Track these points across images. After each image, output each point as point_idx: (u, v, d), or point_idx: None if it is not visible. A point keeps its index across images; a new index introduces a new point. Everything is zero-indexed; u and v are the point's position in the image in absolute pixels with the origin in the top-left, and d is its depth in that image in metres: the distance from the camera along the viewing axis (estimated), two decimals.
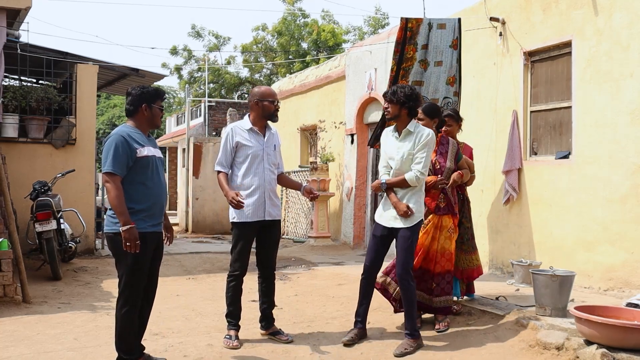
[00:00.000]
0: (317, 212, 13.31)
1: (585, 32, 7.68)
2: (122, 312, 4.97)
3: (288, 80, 17.42)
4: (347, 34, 29.03)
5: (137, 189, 4.94)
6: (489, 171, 8.98)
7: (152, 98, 5.10)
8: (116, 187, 4.82)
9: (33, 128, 11.32)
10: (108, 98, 35.97)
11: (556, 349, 5.32)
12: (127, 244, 4.77)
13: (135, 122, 5.10)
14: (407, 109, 5.81)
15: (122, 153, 4.87)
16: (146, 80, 14.07)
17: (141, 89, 5.10)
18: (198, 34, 29.64)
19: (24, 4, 10.46)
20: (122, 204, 4.81)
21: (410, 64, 7.85)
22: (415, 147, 5.74)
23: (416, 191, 5.78)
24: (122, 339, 5.02)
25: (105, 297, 8.12)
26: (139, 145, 4.96)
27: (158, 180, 5.10)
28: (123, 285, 4.97)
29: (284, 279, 9.42)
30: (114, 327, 5.06)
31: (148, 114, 5.09)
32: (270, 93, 6.18)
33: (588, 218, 7.53)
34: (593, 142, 7.53)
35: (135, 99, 5.06)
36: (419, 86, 7.82)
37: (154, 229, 5.05)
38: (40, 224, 9.15)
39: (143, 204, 4.95)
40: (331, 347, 5.86)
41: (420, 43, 7.84)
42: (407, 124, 5.85)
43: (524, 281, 7.63)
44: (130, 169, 4.93)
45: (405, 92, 5.80)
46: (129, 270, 4.93)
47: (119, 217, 4.80)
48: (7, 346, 5.85)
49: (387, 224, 5.87)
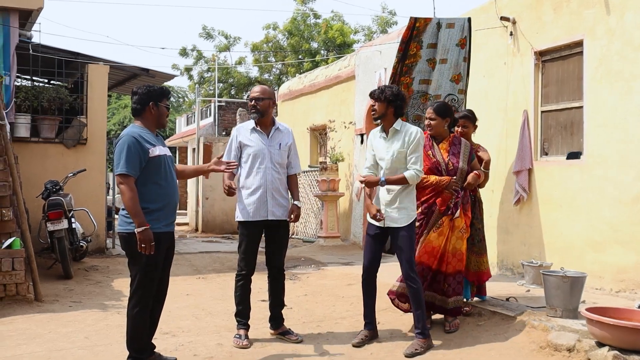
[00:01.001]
0: (327, 212, 13.31)
1: (597, 31, 7.65)
2: (134, 312, 4.99)
3: (298, 80, 17.42)
4: (356, 33, 28.98)
5: (150, 188, 4.96)
6: (499, 172, 8.95)
7: (159, 97, 5.13)
8: (130, 188, 4.83)
9: (45, 128, 11.39)
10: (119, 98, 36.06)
11: (567, 350, 5.30)
12: (142, 245, 4.79)
13: (143, 122, 5.12)
14: (393, 108, 5.86)
15: (135, 154, 4.88)
16: (156, 80, 14.12)
17: (147, 88, 5.13)
18: (209, 34, 29.68)
19: (35, 5, 10.52)
20: (137, 205, 4.82)
21: (413, 60, 7.82)
22: (406, 146, 5.77)
23: (409, 191, 5.84)
24: (134, 339, 5.04)
25: (116, 296, 8.15)
26: (151, 145, 4.98)
27: (171, 180, 5.13)
28: (136, 285, 4.99)
29: (294, 279, 9.43)
30: (126, 326, 5.09)
31: (155, 112, 5.12)
32: (251, 91, 6.25)
33: (598, 219, 7.50)
34: (604, 142, 7.50)
35: (143, 98, 5.09)
36: (427, 85, 7.81)
37: (167, 229, 5.08)
38: (52, 223, 9.19)
39: (157, 203, 4.97)
40: (341, 347, 5.87)
41: (426, 41, 7.81)
42: (393, 123, 5.89)
43: (534, 282, 7.61)
44: (143, 169, 4.93)
45: (393, 91, 5.87)
46: (143, 270, 4.95)
47: (133, 218, 4.82)
48: (19, 344, 5.89)
49: (382, 224, 5.88)
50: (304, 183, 15.36)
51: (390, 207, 5.84)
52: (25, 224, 7.90)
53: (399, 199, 5.80)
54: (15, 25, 10.49)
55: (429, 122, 6.23)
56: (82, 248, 10.08)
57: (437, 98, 7.68)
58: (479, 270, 6.74)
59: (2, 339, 6.08)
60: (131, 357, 5.07)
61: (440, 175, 6.14)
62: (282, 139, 6.15)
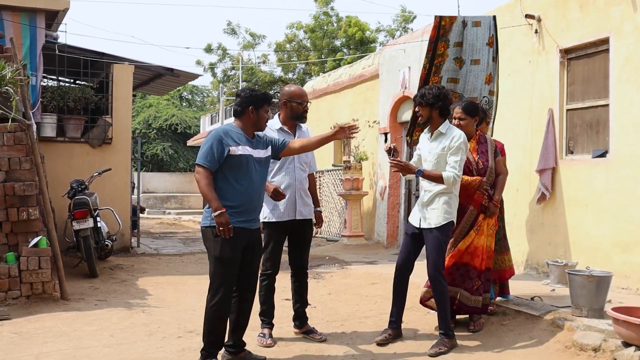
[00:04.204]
0: (351, 211, 13.29)
1: (624, 29, 7.56)
2: (210, 308, 5.10)
3: (322, 79, 17.42)
4: (379, 32, 28.90)
5: (226, 186, 5.08)
6: (524, 170, 8.89)
7: (260, 102, 5.24)
8: (205, 176, 4.99)
9: (70, 127, 11.51)
10: (143, 98, 36.24)
11: (593, 350, 5.26)
12: (220, 228, 4.88)
13: (240, 123, 5.26)
14: (437, 110, 5.79)
15: (214, 148, 5.02)
16: (181, 80, 14.20)
17: (250, 92, 5.26)
18: (233, 30, 29.69)
19: (62, 6, 10.64)
20: (212, 190, 4.97)
21: (441, 60, 7.77)
22: (448, 149, 5.71)
23: (448, 193, 5.75)
24: (209, 333, 5.15)
25: (141, 295, 8.21)
26: (235, 143, 5.09)
27: (251, 180, 5.16)
28: (211, 279, 5.12)
29: (318, 278, 9.44)
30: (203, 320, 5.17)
31: (254, 116, 5.22)
32: (299, 94, 6.09)
33: (625, 219, 7.42)
34: (631, 141, 7.41)
35: (244, 102, 5.22)
36: (454, 83, 7.76)
37: (244, 225, 5.11)
38: (78, 222, 9.28)
39: (232, 201, 5.05)
40: (365, 346, 5.86)
41: (452, 40, 7.76)
42: (440, 124, 5.82)
43: (559, 281, 7.55)
44: (222, 165, 5.06)
45: (434, 93, 5.78)
46: (217, 263, 5.06)
47: (210, 203, 4.96)
48: (45, 342, 5.95)
49: (416, 224, 5.89)
50: (328, 182, 15.36)
51: (426, 207, 5.83)
52: (51, 223, 7.98)
53: (434, 201, 5.77)
54: (42, 26, 10.60)
55: (459, 122, 6.18)
56: (107, 247, 10.15)
57: (474, 100, 7.64)
58: (500, 268, 6.72)
59: (28, 336, 6.15)
60: (204, 351, 5.16)
61: (470, 175, 6.12)
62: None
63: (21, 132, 7.93)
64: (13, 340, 6.01)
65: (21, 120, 7.94)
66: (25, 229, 7.77)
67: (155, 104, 36.05)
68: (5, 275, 7.30)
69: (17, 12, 10.41)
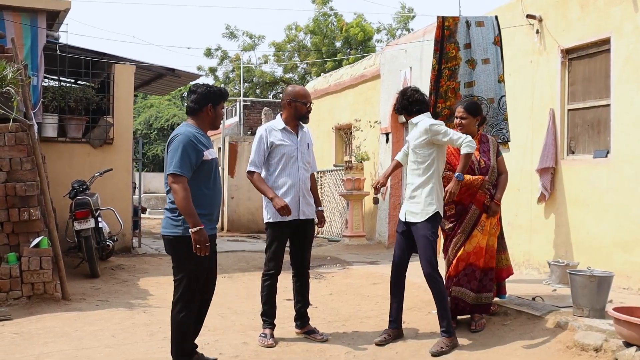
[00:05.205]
0: (352, 212, 13.29)
1: (624, 29, 7.56)
2: (179, 317, 4.91)
3: (323, 80, 17.43)
4: (379, 32, 28.88)
5: (198, 193, 4.84)
6: (525, 170, 8.89)
7: (218, 99, 5.02)
8: (184, 188, 4.70)
9: (72, 128, 11.51)
10: (144, 98, 36.26)
11: (594, 350, 5.25)
12: (197, 246, 4.67)
13: (197, 122, 5.01)
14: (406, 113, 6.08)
15: (190, 154, 4.77)
16: (182, 80, 14.20)
17: (207, 88, 5.01)
18: (232, 34, 29.69)
19: (63, 6, 10.65)
20: (191, 205, 4.69)
21: (455, 63, 7.67)
22: (433, 134, 5.78)
23: (428, 184, 5.81)
24: (180, 343, 4.96)
25: (142, 295, 8.21)
26: (205, 147, 4.89)
27: (216, 185, 5.05)
28: (182, 290, 4.89)
29: (319, 278, 9.44)
30: (170, 331, 5.01)
31: (212, 114, 5.01)
32: (303, 94, 6.10)
33: (626, 218, 7.42)
34: (631, 141, 7.41)
35: (201, 98, 4.96)
36: (471, 87, 7.68)
37: (212, 232, 4.99)
38: (79, 223, 9.28)
39: (204, 209, 4.86)
40: (366, 346, 5.87)
41: (461, 42, 7.68)
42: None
43: (560, 281, 7.54)
44: (195, 172, 4.84)
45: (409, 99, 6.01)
46: (191, 274, 4.86)
47: (187, 218, 4.70)
48: (47, 342, 5.96)
49: (403, 218, 5.95)
50: (329, 182, 15.36)
51: (409, 201, 5.90)
52: (52, 223, 7.98)
53: (416, 194, 5.83)
54: (43, 26, 10.61)
55: (460, 121, 6.19)
56: (108, 247, 10.15)
57: (491, 102, 7.61)
58: (497, 267, 6.70)
59: (30, 337, 6.16)
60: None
61: (473, 174, 6.12)
62: (307, 139, 6.18)
63: (22, 133, 7.94)
64: (14, 341, 6.02)
65: (22, 121, 7.95)
66: (26, 229, 7.78)
67: (157, 104, 36.06)
68: (7, 275, 7.31)
69: (18, 12, 10.42)
